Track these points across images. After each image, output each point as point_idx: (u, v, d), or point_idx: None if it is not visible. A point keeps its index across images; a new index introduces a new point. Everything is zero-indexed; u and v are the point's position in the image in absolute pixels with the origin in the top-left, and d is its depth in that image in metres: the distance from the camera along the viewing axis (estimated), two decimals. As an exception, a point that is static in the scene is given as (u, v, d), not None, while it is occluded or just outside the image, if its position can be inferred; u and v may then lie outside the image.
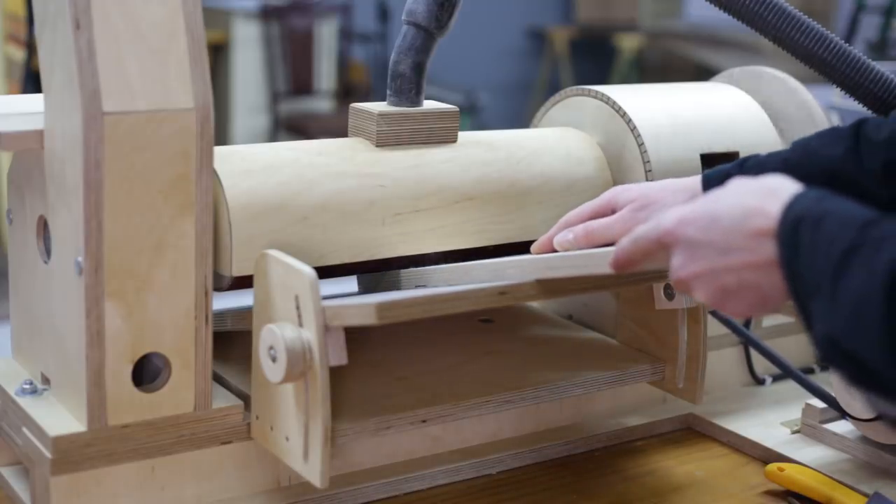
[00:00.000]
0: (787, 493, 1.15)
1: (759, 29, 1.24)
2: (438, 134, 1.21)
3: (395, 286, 1.16)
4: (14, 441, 1.04)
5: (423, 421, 1.06)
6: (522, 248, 1.20)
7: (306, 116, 5.73)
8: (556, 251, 1.14)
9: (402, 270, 1.16)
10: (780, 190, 0.85)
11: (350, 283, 1.26)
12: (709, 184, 1.13)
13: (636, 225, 0.96)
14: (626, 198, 1.13)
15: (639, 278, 1.06)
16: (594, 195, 1.25)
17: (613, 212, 1.14)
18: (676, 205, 0.93)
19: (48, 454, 0.96)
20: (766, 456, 1.22)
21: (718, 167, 1.17)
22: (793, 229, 0.81)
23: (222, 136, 5.48)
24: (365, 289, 1.22)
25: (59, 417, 1.00)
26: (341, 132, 1.25)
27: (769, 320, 1.41)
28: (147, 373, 1.00)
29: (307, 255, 1.07)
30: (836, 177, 1.09)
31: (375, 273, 1.17)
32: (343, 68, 6.09)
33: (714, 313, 1.26)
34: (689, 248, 0.88)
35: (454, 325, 1.25)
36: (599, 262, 0.97)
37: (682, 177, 1.17)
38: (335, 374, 0.95)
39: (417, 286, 1.14)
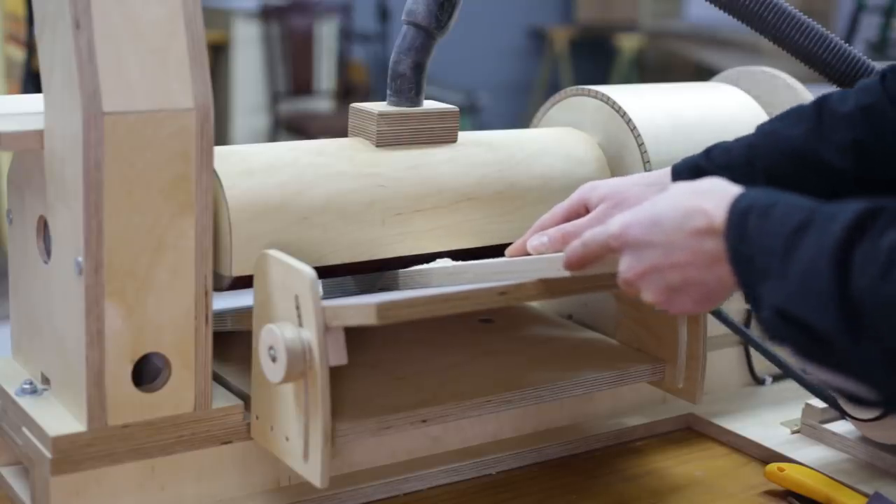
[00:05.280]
0: (787, 493, 1.15)
1: (759, 29, 1.24)
2: (438, 134, 1.21)
3: (393, 286, 1.16)
4: (14, 441, 1.04)
5: (423, 421, 1.06)
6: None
7: (306, 116, 5.73)
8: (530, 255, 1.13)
9: (400, 271, 1.16)
10: (716, 190, 0.90)
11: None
12: (678, 175, 1.14)
13: None
14: (597, 195, 1.12)
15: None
16: (594, 195, 1.25)
17: (587, 210, 1.13)
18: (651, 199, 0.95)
19: (48, 454, 0.96)
20: (766, 456, 1.22)
21: (686, 158, 1.17)
22: (741, 219, 0.85)
23: (222, 136, 5.48)
24: (361, 289, 1.21)
25: (59, 417, 1.00)
26: (341, 132, 1.25)
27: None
28: (147, 373, 1.00)
29: (307, 255, 1.07)
30: (800, 156, 1.10)
31: (372, 273, 1.17)
32: (343, 68, 6.09)
33: (715, 313, 1.26)
34: (635, 251, 0.93)
35: (454, 325, 1.25)
36: (551, 265, 1.01)
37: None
38: (335, 374, 0.95)
39: (416, 286, 1.14)
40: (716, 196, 0.89)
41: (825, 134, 1.09)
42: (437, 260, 1.17)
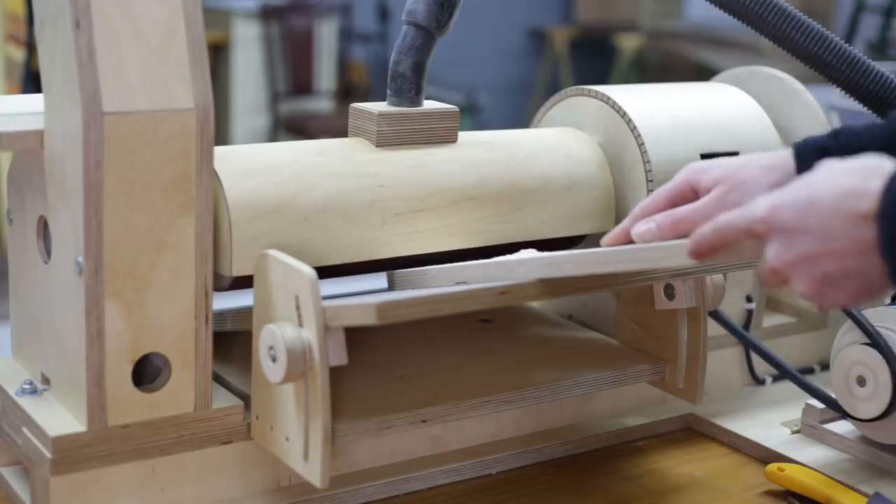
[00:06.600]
0: (787, 494, 1.15)
1: (759, 29, 1.24)
2: (438, 134, 1.21)
3: (391, 287, 1.16)
4: (14, 441, 1.04)
5: (424, 421, 1.06)
6: (522, 248, 1.20)
7: (306, 116, 5.73)
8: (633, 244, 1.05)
9: (398, 271, 1.16)
10: (879, 168, 0.80)
11: (350, 284, 1.26)
12: (801, 157, 1.06)
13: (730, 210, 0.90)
14: (709, 178, 1.05)
15: (644, 279, 1.05)
16: (594, 196, 1.25)
17: (695, 194, 1.06)
18: (769, 185, 0.89)
19: (48, 454, 0.96)
20: (766, 456, 1.22)
21: (808, 138, 1.09)
22: None
23: (222, 136, 5.48)
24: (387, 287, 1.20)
25: (59, 417, 1.00)
26: (341, 132, 1.25)
27: (769, 320, 1.41)
28: (147, 373, 1.00)
29: (307, 255, 1.07)
30: None
31: (374, 273, 1.17)
32: (343, 68, 6.10)
33: (713, 314, 1.26)
34: (785, 237, 0.83)
35: (454, 325, 1.25)
36: (672, 253, 0.93)
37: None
38: (335, 374, 0.95)
39: (419, 286, 1.14)
40: (880, 175, 0.79)
41: None
42: (521, 251, 1.12)
